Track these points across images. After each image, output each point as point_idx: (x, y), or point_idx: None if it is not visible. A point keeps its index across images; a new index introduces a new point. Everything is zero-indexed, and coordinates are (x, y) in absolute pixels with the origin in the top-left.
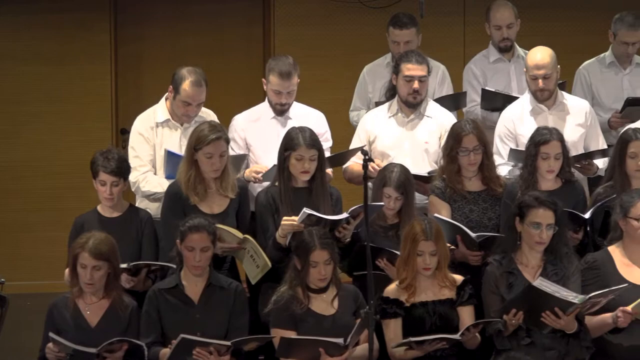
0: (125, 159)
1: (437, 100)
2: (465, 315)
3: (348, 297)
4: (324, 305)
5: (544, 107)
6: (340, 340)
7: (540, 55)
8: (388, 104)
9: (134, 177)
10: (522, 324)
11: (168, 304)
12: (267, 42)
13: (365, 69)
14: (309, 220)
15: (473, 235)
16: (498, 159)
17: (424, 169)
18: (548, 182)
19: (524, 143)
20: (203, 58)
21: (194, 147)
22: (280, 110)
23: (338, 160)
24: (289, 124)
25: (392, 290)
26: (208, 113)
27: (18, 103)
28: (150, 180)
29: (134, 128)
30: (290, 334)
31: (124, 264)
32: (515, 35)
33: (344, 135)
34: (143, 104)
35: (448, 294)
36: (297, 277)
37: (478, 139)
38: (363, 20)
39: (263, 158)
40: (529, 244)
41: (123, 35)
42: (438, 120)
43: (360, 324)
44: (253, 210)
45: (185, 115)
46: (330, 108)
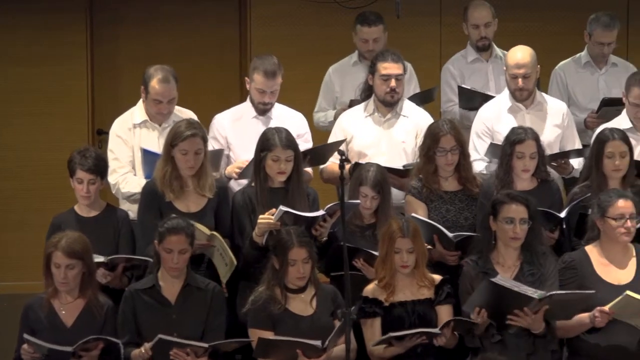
0: (103, 158)
1: (409, 99)
2: (444, 314)
3: (326, 297)
4: (302, 306)
5: (522, 106)
6: (318, 343)
7: (521, 55)
8: (364, 104)
9: (114, 179)
10: (492, 322)
11: (144, 305)
12: (243, 42)
13: (331, 69)
14: (286, 219)
15: (450, 235)
16: (474, 154)
17: None
18: (524, 181)
19: (501, 140)
20: (179, 58)
21: (171, 143)
22: (263, 110)
23: (318, 159)
24: (271, 124)
25: (371, 290)
26: (187, 114)
27: None
28: (130, 181)
29: (112, 131)
30: (268, 335)
31: (101, 258)
32: (493, 35)
33: (323, 135)
34: (119, 105)
35: (427, 294)
36: (275, 277)
37: (455, 140)
38: (339, 21)
39: (243, 157)
40: (504, 241)
41: (99, 36)
42: (414, 120)
43: (340, 327)
44: None
45: (159, 114)
46: (308, 108)
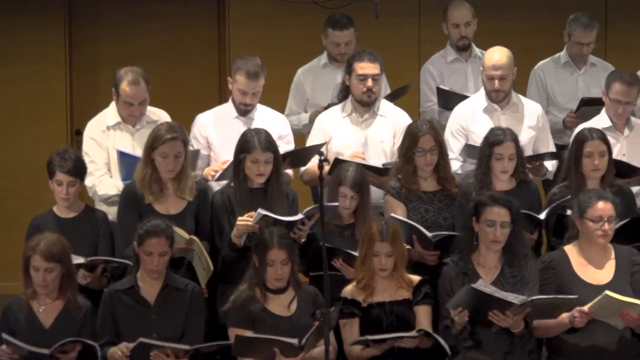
0: (82, 159)
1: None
2: (421, 315)
3: (307, 298)
4: (282, 306)
5: (497, 106)
6: (295, 341)
7: (498, 56)
8: (342, 105)
9: (91, 181)
10: (467, 325)
11: (124, 305)
12: (222, 43)
13: (300, 72)
14: (264, 221)
15: (429, 235)
16: (449, 154)
17: None
18: (502, 182)
19: (475, 140)
20: (158, 59)
21: (151, 146)
22: (244, 111)
23: (299, 161)
24: (252, 125)
25: (349, 291)
26: (159, 115)
27: None
28: (107, 184)
29: (86, 133)
30: (247, 334)
31: (81, 259)
32: (473, 35)
33: (300, 137)
34: (98, 106)
35: (405, 295)
36: (255, 275)
37: (435, 140)
38: (318, 21)
39: (224, 157)
40: (485, 243)
41: (78, 37)
42: (392, 119)
43: (317, 327)
44: None
45: (131, 116)
46: (284, 109)
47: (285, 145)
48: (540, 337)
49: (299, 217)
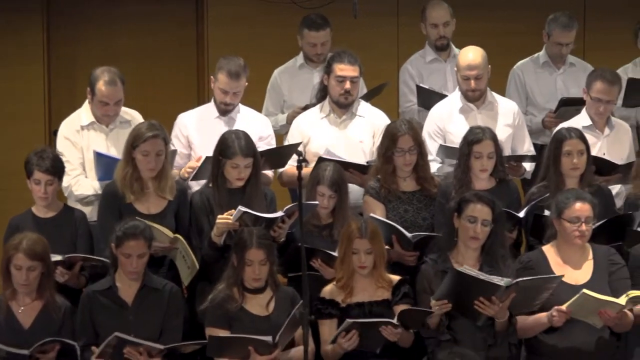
0: (60, 159)
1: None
2: None
3: (285, 299)
4: (260, 306)
5: (473, 106)
6: (269, 339)
7: (473, 56)
8: (320, 106)
9: (66, 181)
10: (443, 320)
11: (102, 306)
12: (200, 43)
13: (277, 73)
14: (244, 219)
15: (409, 235)
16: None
17: None
18: (482, 181)
19: (453, 141)
20: (137, 59)
21: (132, 144)
22: (224, 110)
23: (275, 161)
24: (233, 126)
25: (328, 291)
26: (132, 115)
27: None
28: (82, 184)
29: (60, 133)
30: (224, 333)
31: (58, 257)
32: (452, 34)
33: (277, 139)
34: (77, 106)
35: (384, 295)
36: (233, 274)
37: (414, 140)
38: (297, 22)
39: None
40: (464, 240)
41: (56, 37)
42: (370, 119)
43: (290, 323)
44: None
45: (105, 116)
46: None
47: (265, 147)
48: (519, 337)
49: (279, 214)
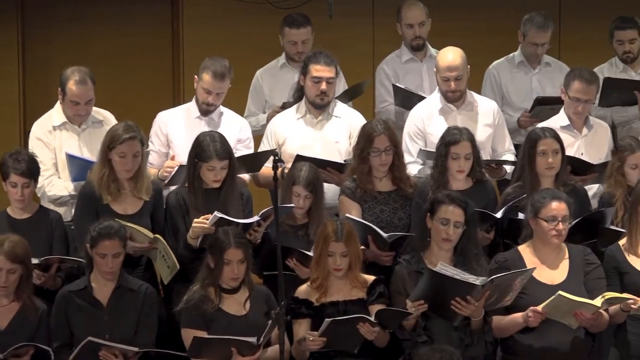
0: (35, 160)
1: (337, 98)
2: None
3: (260, 298)
4: (236, 306)
5: (453, 106)
6: (253, 339)
7: (452, 57)
8: (296, 106)
9: (39, 182)
10: (420, 322)
11: (77, 307)
12: (176, 43)
13: (259, 73)
14: (220, 224)
15: (384, 236)
16: (408, 157)
17: None
18: (459, 182)
19: (433, 142)
20: (112, 60)
21: (108, 145)
22: (206, 110)
23: (252, 166)
24: (214, 126)
25: (303, 291)
26: (104, 115)
27: None
28: (56, 184)
29: (32, 134)
30: (201, 334)
31: (35, 260)
32: (427, 34)
33: (258, 139)
34: (51, 107)
35: (359, 294)
36: (209, 276)
37: (389, 140)
38: (273, 21)
39: (182, 156)
40: (437, 241)
41: (31, 37)
42: (346, 120)
43: (273, 324)
44: None
45: (77, 115)
46: (239, 110)
47: (244, 149)
48: (495, 337)
49: (255, 219)
